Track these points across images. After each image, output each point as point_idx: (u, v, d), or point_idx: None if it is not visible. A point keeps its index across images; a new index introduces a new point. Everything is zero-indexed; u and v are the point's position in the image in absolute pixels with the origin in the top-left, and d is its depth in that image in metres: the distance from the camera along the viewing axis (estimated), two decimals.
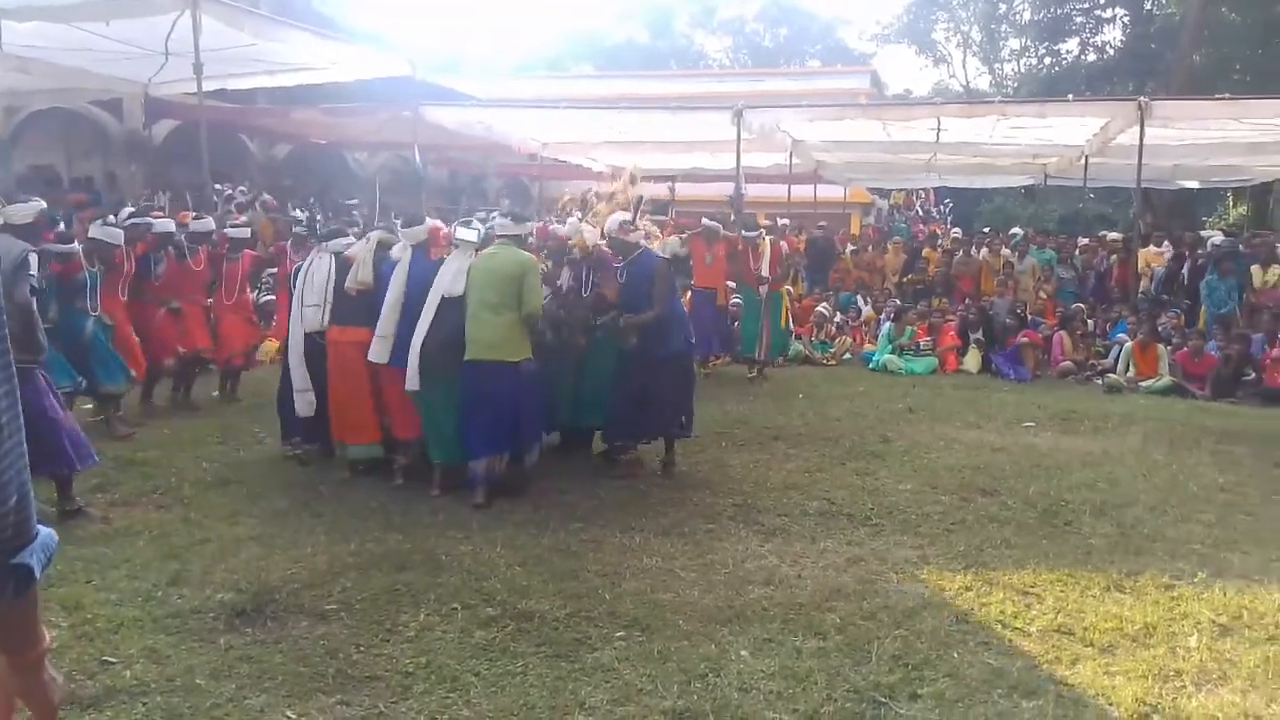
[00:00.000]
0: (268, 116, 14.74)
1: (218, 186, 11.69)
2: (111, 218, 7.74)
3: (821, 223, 16.57)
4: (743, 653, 3.59)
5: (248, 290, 8.76)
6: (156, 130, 14.42)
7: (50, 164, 14.71)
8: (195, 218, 8.73)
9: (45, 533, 1.36)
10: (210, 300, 8.26)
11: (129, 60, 10.67)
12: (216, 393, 8.54)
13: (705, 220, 10.84)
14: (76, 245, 6.79)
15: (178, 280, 7.94)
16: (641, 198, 6.47)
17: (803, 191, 17.09)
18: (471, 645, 3.64)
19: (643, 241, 6.20)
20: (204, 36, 9.18)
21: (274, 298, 10.05)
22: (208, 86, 10.11)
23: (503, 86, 26.23)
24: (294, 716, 3.15)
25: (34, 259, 4.84)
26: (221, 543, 4.75)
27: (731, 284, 10.58)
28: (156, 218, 8.27)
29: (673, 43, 43.86)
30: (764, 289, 10.32)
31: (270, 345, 9.53)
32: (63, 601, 3.99)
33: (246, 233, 8.86)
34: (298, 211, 12.43)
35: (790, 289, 11.75)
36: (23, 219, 5.20)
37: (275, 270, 9.86)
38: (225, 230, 8.52)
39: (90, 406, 7.25)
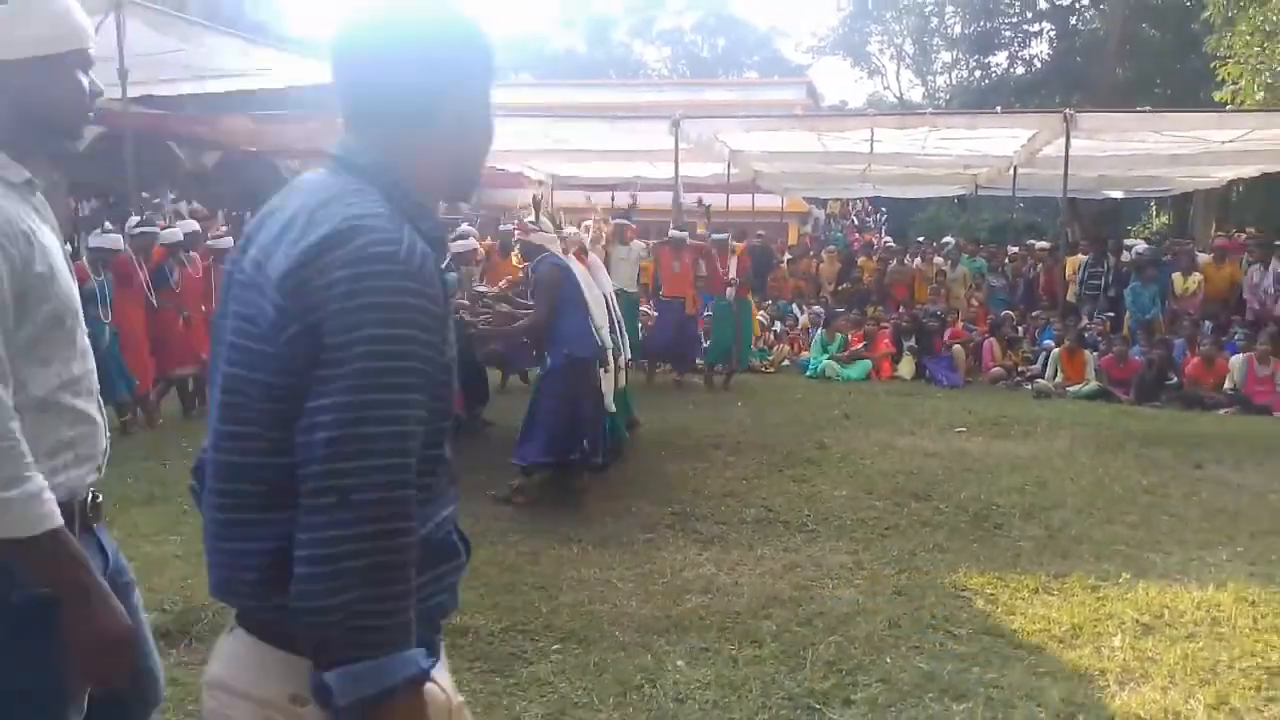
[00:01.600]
0: (196, 124, 14.41)
1: (145, 195, 11.37)
2: (109, 225, 7.88)
3: (760, 231, 16.72)
4: (679, 663, 3.59)
5: None
6: None
7: None
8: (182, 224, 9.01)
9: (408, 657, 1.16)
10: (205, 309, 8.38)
11: None
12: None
13: (672, 229, 10.85)
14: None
15: (186, 289, 8.26)
16: (539, 196, 6.29)
17: (741, 201, 17.23)
18: None
19: (549, 245, 5.80)
20: (129, 41, 8.93)
21: None
22: (133, 93, 9.84)
23: None
24: None
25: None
26: (146, 561, 4.60)
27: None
28: (162, 228, 8.45)
29: (611, 52, 43.99)
30: (731, 291, 10.29)
31: None
32: None
33: (229, 242, 8.79)
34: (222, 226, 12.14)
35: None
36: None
37: None
38: (208, 242, 8.79)
39: None
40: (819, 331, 12.14)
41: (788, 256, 16.11)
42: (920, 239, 17.77)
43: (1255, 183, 17.08)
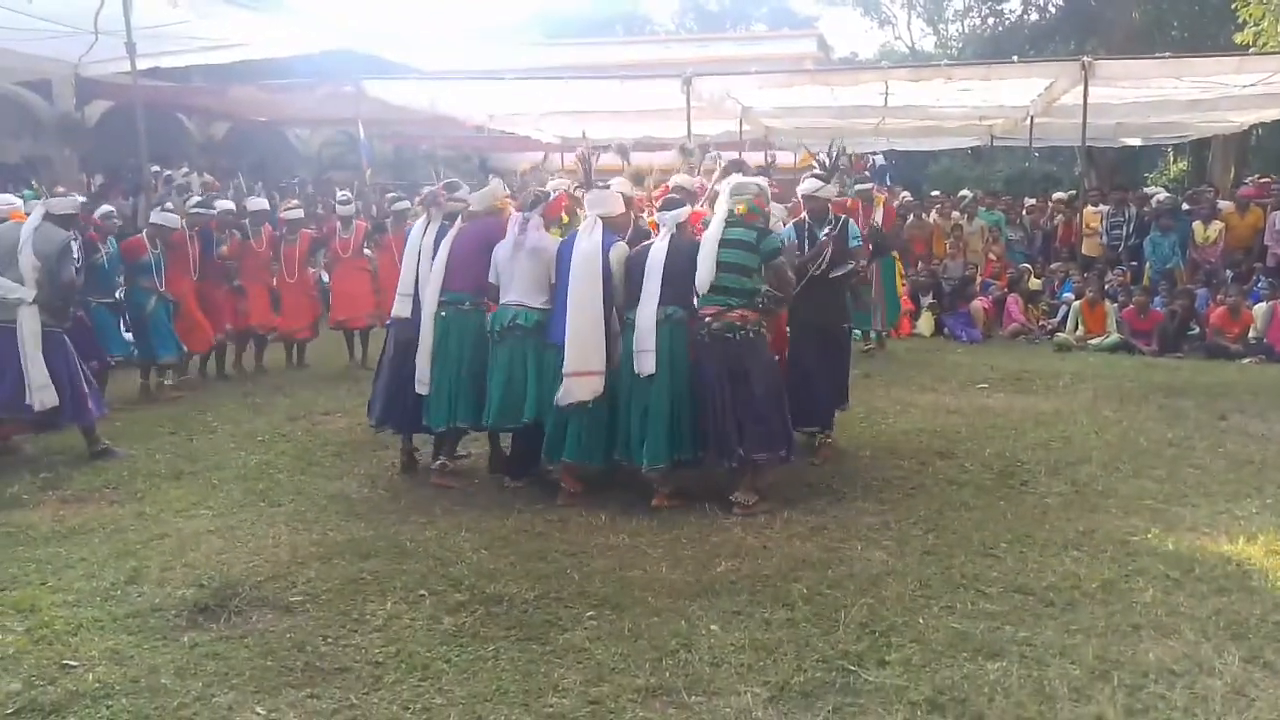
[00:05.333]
0: (205, 95, 14.33)
1: (156, 168, 11.35)
2: (169, 204, 8.59)
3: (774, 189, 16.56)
4: (713, 627, 3.62)
5: (307, 269, 9.60)
6: (89, 112, 13.93)
7: None
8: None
9: None
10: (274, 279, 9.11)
11: (57, 39, 10.28)
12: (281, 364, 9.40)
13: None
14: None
15: (243, 260, 8.81)
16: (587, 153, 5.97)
17: (754, 158, 17.06)
18: (441, 632, 3.62)
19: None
20: (135, 13, 8.87)
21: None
22: (141, 65, 9.78)
23: (447, 56, 25.72)
24: (263, 713, 3.11)
25: (74, 245, 6.02)
26: (179, 537, 4.67)
27: None
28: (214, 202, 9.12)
29: (618, 7, 43.33)
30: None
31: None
32: (18, 605, 3.91)
33: (300, 214, 9.54)
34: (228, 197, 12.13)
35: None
36: (63, 210, 6.15)
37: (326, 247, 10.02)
38: (280, 213, 9.42)
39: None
40: None
41: None
42: (935, 192, 17.57)
43: (1274, 127, 16.73)
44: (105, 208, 8.22)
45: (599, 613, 3.75)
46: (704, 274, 4.87)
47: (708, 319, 4.89)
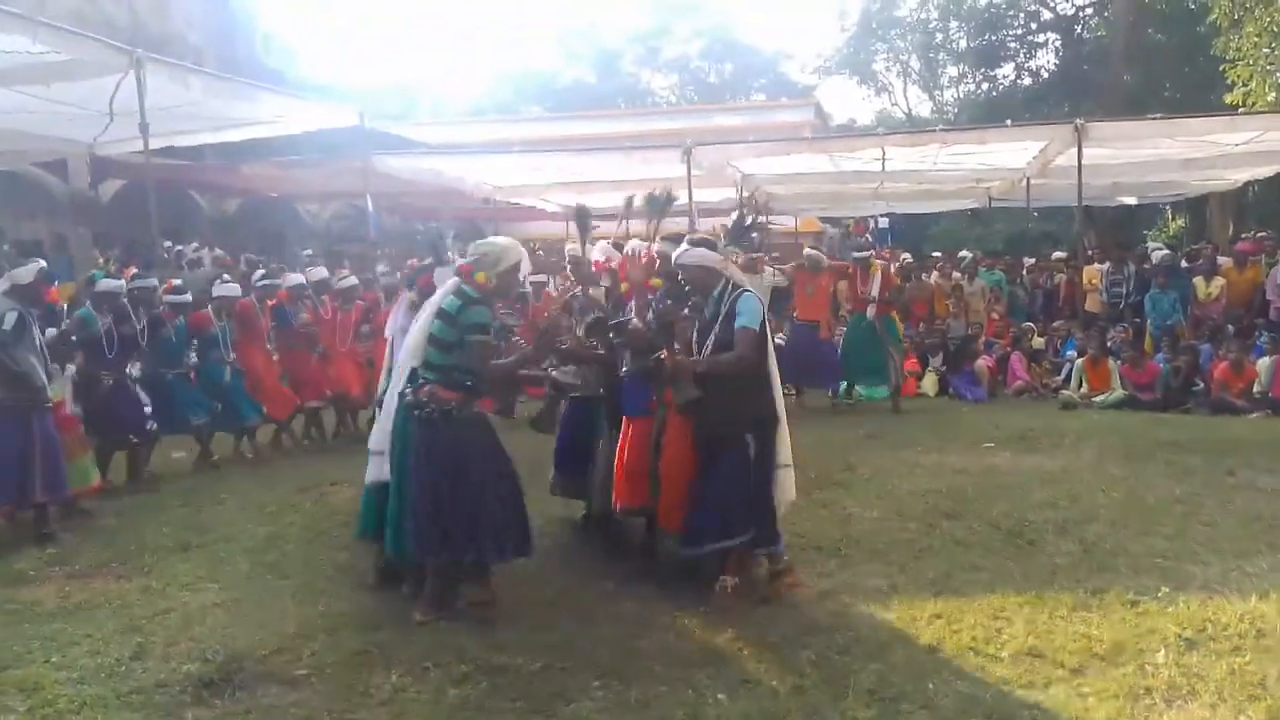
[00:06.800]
0: (217, 172, 14.66)
1: (168, 244, 11.57)
2: (226, 276, 9.03)
3: (775, 253, 16.72)
4: (720, 696, 3.59)
5: (357, 338, 9.62)
6: (103, 189, 14.25)
7: None
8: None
9: None
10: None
11: (72, 121, 10.56)
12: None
13: (808, 249, 10.76)
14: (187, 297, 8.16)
15: (319, 328, 9.00)
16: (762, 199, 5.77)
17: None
18: (446, 705, 3.59)
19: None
20: (149, 95, 9.12)
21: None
22: (154, 144, 10.03)
23: (454, 131, 26.29)
24: None
25: (11, 316, 5.87)
26: (185, 611, 4.66)
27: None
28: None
29: (620, 82, 44.29)
30: (871, 309, 10.05)
31: None
32: (21, 684, 3.88)
33: (354, 281, 9.70)
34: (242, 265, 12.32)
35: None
36: (22, 280, 6.09)
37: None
38: (335, 285, 9.43)
39: (181, 454, 8.32)
40: None
41: None
42: (936, 253, 17.72)
43: (1271, 181, 16.96)
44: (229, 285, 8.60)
45: (605, 683, 3.72)
46: (412, 347, 4.53)
47: (409, 396, 4.45)
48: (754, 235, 5.17)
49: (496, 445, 4.50)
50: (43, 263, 6.39)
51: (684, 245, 4.71)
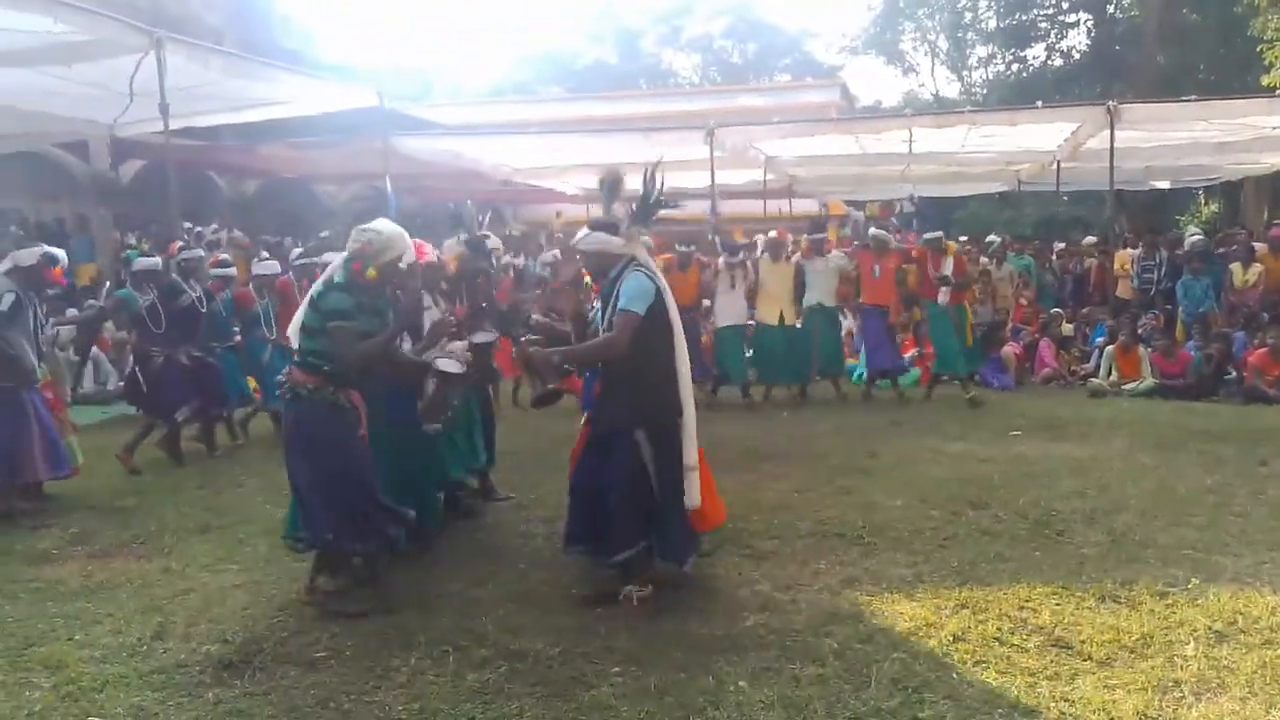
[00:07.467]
0: (236, 153, 14.67)
1: (187, 225, 11.60)
2: (265, 253, 9.10)
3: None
4: (741, 683, 3.54)
5: None
6: (124, 170, 14.31)
7: (16, 207, 14.55)
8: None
9: None
10: None
11: (93, 102, 10.58)
12: None
13: (874, 230, 10.55)
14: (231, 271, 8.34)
15: None
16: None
17: (778, 206, 17.14)
18: (465, 688, 3.57)
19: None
20: (169, 75, 9.11)
21: None
22: (174, 125, 10.03)
23: (474, 112, 26.24)
24: None
25: (9, 298, 5.97)
26: (205, 592, 4.67)
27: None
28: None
29: (642, 63, 44.05)
30: (945, 295, 9.60)
31: None
32: (45, 661, 3.92)
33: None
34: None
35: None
36: (25, 263, 6.15)
37: None
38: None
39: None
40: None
41: None
42: (963, 238, 17.52)
43: None
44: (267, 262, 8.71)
45: (624, 669, 3.68)
46: (291, 331, 4.57)
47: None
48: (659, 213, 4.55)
49: (350, 437, 4.39)
50: (46, 246, 6.42)
51: (583, 230, 4.49)
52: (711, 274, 10.00)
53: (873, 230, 10.51)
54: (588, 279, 5.47)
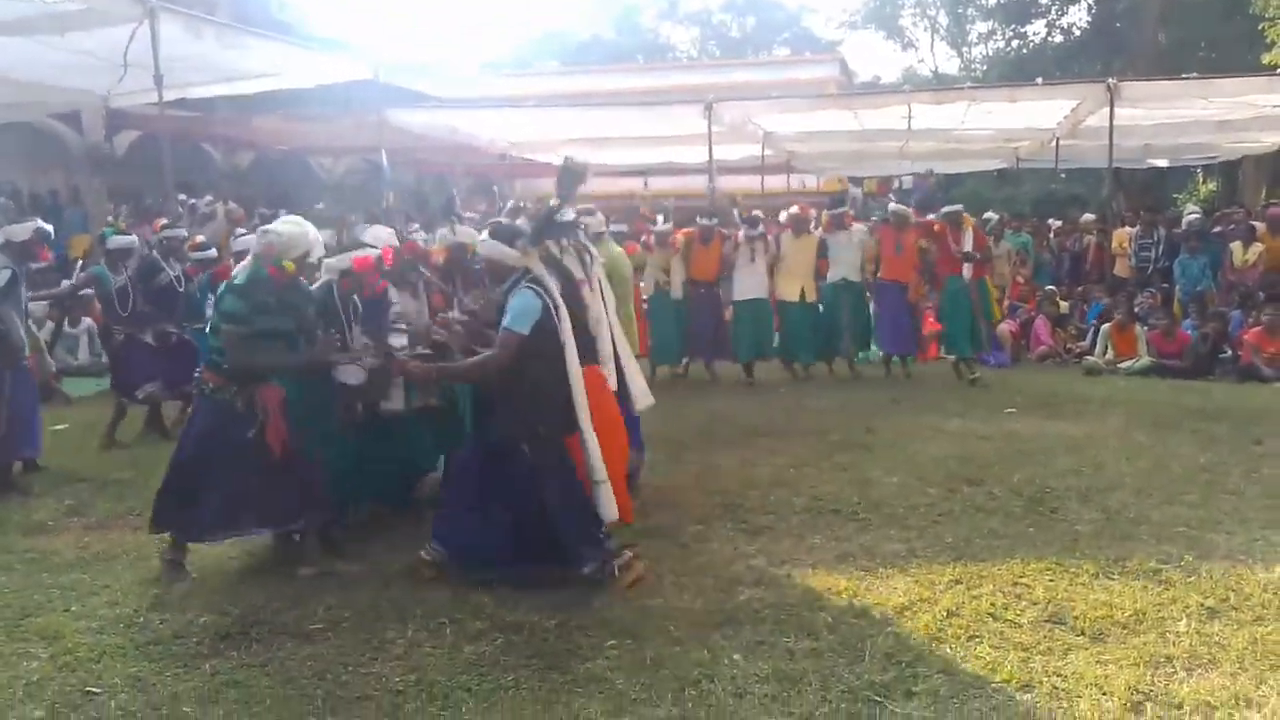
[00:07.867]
0: (230, 125, 14.55)
1: (181, 197, 11.51)
2: (242, 230, 8.74)
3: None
4: (735, 656, 3.56)
5: None
6: (118, 142, 14.19)
7: (9, 179, 14.45)
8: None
9: None
10: None
11: (87, 72, 10.48)
12: None
13: (893, 205, 10.36)
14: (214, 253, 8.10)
15: None
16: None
17: (775, 183, 17.07)
18: (461, 660, 3.59)
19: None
20: (163, 45, 9.02)
21: None
22: (168, 96, 9.95)
23: (469, 86, 25.99)
24: None
25: (4, 274, 5.88)
26: (202, 565, 4.67)
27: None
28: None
29: (640, 37, 43.70)
30: (968, 269, 9.38)
31: None
32: (42, 631, 3.93)
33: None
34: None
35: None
36: (18, 238, 6.04)
37: None
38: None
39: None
40: None
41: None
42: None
43: None
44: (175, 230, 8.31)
45: (620, 642, 3.70)
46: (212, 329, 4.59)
47: None
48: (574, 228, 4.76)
49: (241, 439, 4.41)
50: (40, 221, 6.28)
51: (483, 234, 4.48)
52: (732, 247, 9.89)
53: (892, 205, 10.31)
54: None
